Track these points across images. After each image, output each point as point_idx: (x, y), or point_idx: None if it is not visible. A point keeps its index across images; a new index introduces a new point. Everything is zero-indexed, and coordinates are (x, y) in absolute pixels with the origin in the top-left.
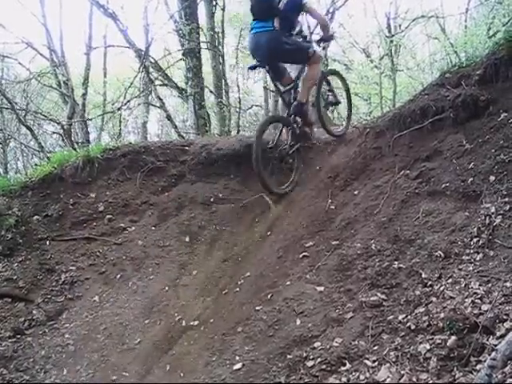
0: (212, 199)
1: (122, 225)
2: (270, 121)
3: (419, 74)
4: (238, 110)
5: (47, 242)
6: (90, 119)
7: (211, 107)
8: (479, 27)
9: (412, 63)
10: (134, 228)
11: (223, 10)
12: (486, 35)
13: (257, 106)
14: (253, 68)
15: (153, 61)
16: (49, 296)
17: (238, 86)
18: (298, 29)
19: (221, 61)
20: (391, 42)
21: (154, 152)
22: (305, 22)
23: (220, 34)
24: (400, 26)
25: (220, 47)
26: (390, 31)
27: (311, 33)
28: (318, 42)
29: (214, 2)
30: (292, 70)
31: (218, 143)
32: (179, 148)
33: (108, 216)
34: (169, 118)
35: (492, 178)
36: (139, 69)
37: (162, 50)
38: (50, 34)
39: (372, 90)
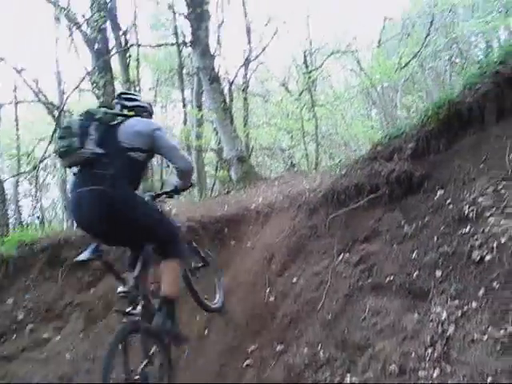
0: None
1: (46, 335)
2: None
3: (338, 106)
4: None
5: None
6: (4, 180)
7: None
8: (390, 59)
9: (330, 94)
10: (59, 337)
11: (138, 61)
12: (398, 66)
13: None
14: None
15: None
16: None
17: None
18: None
19: None
20: (309, 77)
21: (75, 243)
22: None
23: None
24: (315, 58)
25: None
26: (307, 67)
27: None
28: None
29: (128, 55)
30: None
31: None
32: None
33: (29, 326)
34: None
35: (438, 273)
36: (55, 127)
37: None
38: None
39: (293, 123)
